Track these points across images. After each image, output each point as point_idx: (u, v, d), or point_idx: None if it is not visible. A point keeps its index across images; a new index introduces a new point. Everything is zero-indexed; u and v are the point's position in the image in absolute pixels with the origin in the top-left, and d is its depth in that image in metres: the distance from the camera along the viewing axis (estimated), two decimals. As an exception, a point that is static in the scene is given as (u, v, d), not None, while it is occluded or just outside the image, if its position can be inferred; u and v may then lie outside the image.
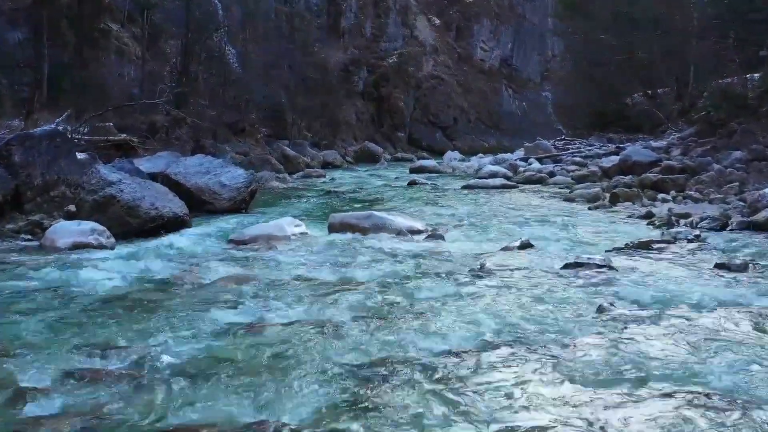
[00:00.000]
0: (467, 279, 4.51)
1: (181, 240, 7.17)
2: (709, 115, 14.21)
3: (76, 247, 6.41)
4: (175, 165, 10.37)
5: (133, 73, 19.17)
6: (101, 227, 6.79)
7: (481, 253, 5.70)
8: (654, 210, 8.93)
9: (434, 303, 3.88)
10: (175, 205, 8.02)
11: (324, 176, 17.91)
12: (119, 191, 7.66)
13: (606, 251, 5.76)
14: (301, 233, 7.20)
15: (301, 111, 26.00)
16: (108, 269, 5.21)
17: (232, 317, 3.65)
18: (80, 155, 10.50)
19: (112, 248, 6.63)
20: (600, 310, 3.64)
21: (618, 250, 5.67)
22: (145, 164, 11.27)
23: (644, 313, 3.58)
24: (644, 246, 5.64)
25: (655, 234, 6.31)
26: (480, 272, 4.72)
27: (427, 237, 6.84)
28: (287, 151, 21.08)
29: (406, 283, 4.44)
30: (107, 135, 11.72)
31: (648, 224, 7.83)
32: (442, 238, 6.79)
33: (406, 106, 35.88)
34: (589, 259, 4.78)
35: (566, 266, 4.79)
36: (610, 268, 4.72)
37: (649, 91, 22.43)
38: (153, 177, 10.70)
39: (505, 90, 43.76)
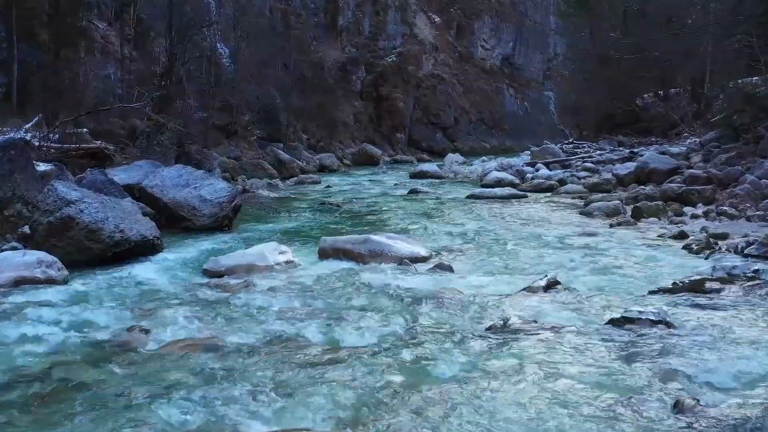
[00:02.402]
0: (488, 344, 3.52)
1: (147, 270, 6.21)
2: (731, 118, 13.21)
3: (20, 283, 5.43)
4: (153, 176, 9.38)
5: (118, 74, 18.20)
6: (51, 258, 5.81)
7: (500, 296, 4.71)
8: (685, 228, 7.96)
9: (448, 393, 2.88)
10: (144, 227, 7.04)
11: (319, 182, 16.93)
12: (78, 212, 6.67)
13: (650, 292, 4.78)
14: (287, 262, 6.23)
15: (296, 112, 24.99)
16: (43, 321, 4.23)
17: (174, 418, 2.67)
18: (46, 166, 9.52)
19: (64, 282, 5.66)
20: (678, 408, 2.66)
21: (666, 292, 4.68)
22: (120, 175, 10.29)
23: (738, 413, 2.60)
24: (697, 288, 4.65)
25: (705, 268, 5.31)
26: (503, 331, 3.73)
27: (432, 268, 5.86)
28: (281, 155, 20.07)
29: (410, 353, 3.44)
30: (80, 142, 10.70)
31: (684, 248, 6.86)
32: (450, 269, 5.81)
33: (406, 106, 34.87)
34: (640, 313, 3.80)
35: (612, 322, 3.81)
36: (668, 325, 3.74)
37: (661, 92, 21.39)
38: (128, 189, 9.74)
39: (506, 90, 42.77)
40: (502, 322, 3.86)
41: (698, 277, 4.89)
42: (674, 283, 4.83)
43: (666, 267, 5.88)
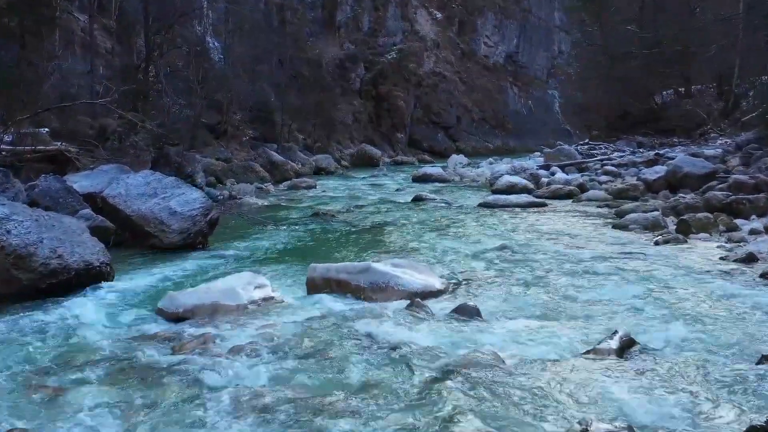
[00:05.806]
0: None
1: (84, 309, 4.84)
2: (771, 117, 11.87)
3: None
4: (116, 184, 8.01)
5: (98, 69, 16.85)
6: (-48, 298, 4.45)
7: (555, 362, 3.35)
8: (750, 249, 6.59)
9: None
10: (89, 251, 5.66)
11: (314, 186, 15.56)
12: (5, 233, 5.29)
13: (765, 357, 3.42)
14: (265, 299, 4.85)
15: (292, 111, 23.55)
16: None
17: None
18: (-10, 172, 8.15)
19: (-31, 330, 4.30)
20: None
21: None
22: (81, 182, 8.92)
23: None
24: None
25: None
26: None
27: (453, 311, 4.48)
28: (274, 157, 18.68)
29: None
30: (37, 144, 9.33)
31: (762, 276, 5.51)
32: (476, 312, 4.44)
33: (406, 105, 33.50)
34: (795, 417, 2.44)
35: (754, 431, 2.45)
36: (840, 435, 2.38)
37: (682, 89, 19.97)
38: (89, 198, 8.37)
39: (510, 88, 41.37)
40: (579, 428, 2.48)
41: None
42: (797, 345, 3.47)
43: (757, 309, 4.52)
